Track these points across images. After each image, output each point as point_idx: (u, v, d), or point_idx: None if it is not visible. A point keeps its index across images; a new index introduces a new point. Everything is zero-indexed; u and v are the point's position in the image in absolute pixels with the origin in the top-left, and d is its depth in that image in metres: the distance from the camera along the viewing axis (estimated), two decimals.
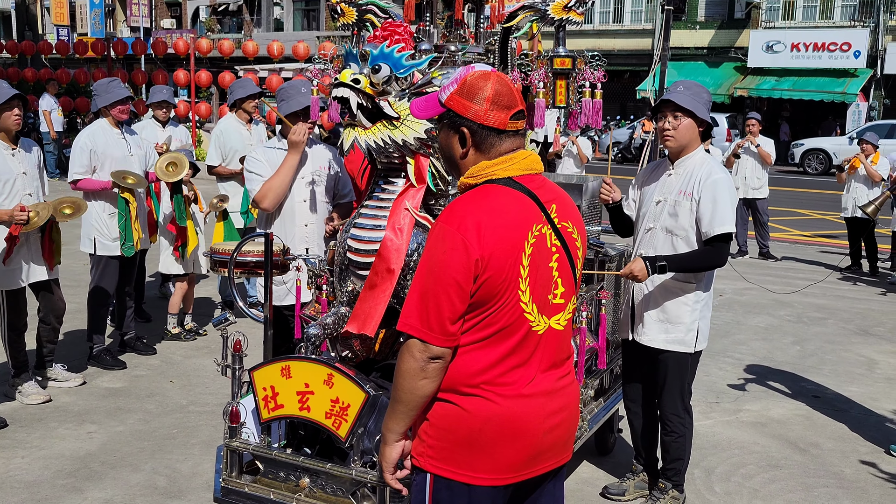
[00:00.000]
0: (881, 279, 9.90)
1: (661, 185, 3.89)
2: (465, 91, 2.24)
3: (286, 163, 4.29)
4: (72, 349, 6.23)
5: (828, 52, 26.52)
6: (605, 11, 31.23)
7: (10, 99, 4.91)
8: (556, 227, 2.28)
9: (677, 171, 3.84)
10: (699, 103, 3.76)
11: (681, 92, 3.79)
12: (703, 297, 3.85)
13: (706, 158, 3.83)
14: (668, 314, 3.84)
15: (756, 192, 10.74)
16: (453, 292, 2.11)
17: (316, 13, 37.86)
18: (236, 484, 3.24)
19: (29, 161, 5.13)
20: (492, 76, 2.25)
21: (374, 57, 3.06)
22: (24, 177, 5.05)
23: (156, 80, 17.42)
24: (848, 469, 4.70)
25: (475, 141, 2.25)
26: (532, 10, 3.75)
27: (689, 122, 3.76)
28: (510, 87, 2.25)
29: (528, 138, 4.15)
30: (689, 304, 3.82)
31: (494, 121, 2.22)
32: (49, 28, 39.78)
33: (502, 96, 2.22)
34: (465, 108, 2.23)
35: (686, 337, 3.84)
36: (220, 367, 3.39)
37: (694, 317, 3.83)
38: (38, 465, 4.43)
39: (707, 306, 3.90)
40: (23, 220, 4.80)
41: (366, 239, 3.24)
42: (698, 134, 3.82)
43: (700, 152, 3.85)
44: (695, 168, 3.79)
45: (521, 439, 2.22)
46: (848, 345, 7.19)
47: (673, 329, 3.84)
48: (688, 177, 3.78)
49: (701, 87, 3.87)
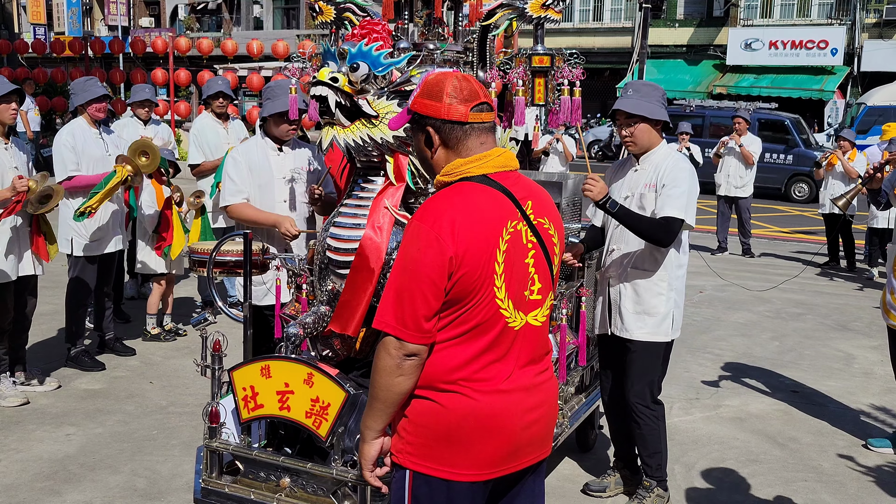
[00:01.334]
0: (858, 275, 9.99)
1: (628, 181, 3.94)
2: (425, 92, 2.28)
3: (269, 218, 4.35)
4: (50, 351, 6.18)
5: (805, 50, 26.74)
6: (585, 10, 31.33)
7: (9, 93, 4.97)
8: (532, 224, 2.29)
9: (643, 167, 3.89)
10: (651, 103, 3.81)
11: (630, 97, 3.85)
12: (675, 285, 3.91)
13: (670, 151, 3.89)
14: (644, 305, 3.89)
15: (738, 190, 10.81)
16: (428, 290, 2.12)
17: (296, 12, 37.72)
18: (216, 485, 3.23)
19: (20, 158, 5.16)
20: (450, 74, 2.29)
21: (352, 55, 3.06)
22: (16, 171, 5.06)
23: (134, 79, 17.25)
24: (826, 463, 4.75)
25: (441, 138, 2.27)
26: (510, 8, 3.76)
27: (644, 125, 3.82)
28: (471, 82, 2.28)
29: (507, 136, 4.15)
30: (663, 293, 3.88)
31: (455, 114, 2.24)
32: (25, 27, 39.42)
33: (460, 90, 2.25)
34: (426, 108, 2.27)
35: (661, 326, 3.90)
36: (200, 367, 3.38)
37: (669, 306, 3.89)
38: (15, 468, 4.39)
39: (679, 294, 3.96)
40: (24, 187, 4.84)
41: (345, 238, 3.23)
42: (657, 131, 3.87)
43: (663, 146, 3.90)
44: (659, 161, 3.84)
45: (500, 435, 2.23)
46: (826, 340, 7.26)
47: (649, 319, 3.89)
48: (653, 170, 3.83)
49: (650, 86, 3.93)
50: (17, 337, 5.37)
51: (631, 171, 3.95)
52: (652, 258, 3.87)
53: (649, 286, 3.88)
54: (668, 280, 3.89)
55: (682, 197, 3.72)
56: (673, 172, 3.77)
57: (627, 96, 3.85)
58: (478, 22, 3.89)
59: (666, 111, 3.88)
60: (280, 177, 4.45)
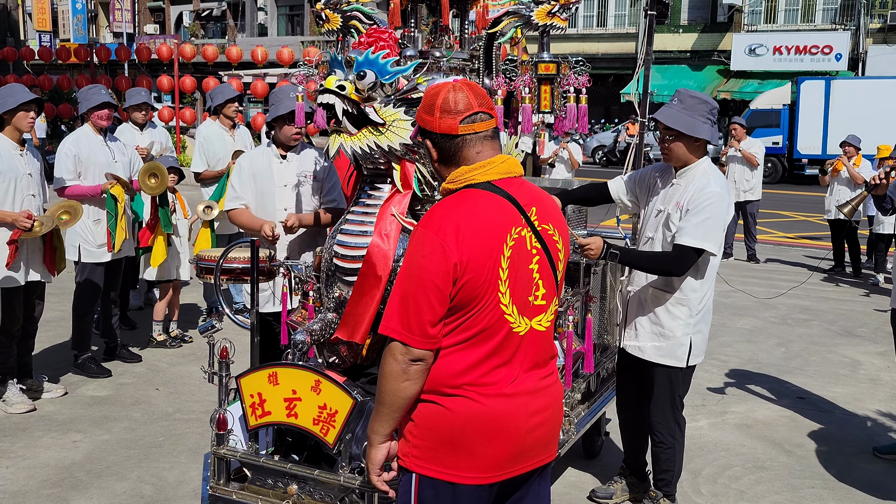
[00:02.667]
0: (864, 281, 9.98)
1: (664, 195, 3.80)
2: (423, 105, 2.35)
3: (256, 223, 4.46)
4: (56, 357, 6.19)
5: (809, 55, 26.77)
6: (589, 15, 31.40)
7: (29, 102, 5.03)
8: (537, 230, 2.31)
9: (679, 182, 3.75)
10: (693, 118, 3.63)
11: (673, 108, 3.68)
12: (698, 312, 3.76)
13: (707, 171, 3.71)
14: (661, 326, 3.78)
15: (747, 194, 10.80)
16: (433, 296, 2.15)
17: (300, 18, 37.83)
18: (224, 491, 3.23)
19: (34, 165, 5.20)
20: (445, 86, 2.33)
21: (359, 63, 3.07)
22: (30, 178, 5.11)
23: (139, 85, 17.34)
24: (833, 469, 4.74)
25: (437, 150, 2.34)
26: (516, 16, 3.77)
27: (681, 140, 3.67)
28: (467, 92, 2.30)
29: (512, 143, 4.15)
30: (681, 317, 3.74)
31: (444, 127, 2.29)
32: (31, 34, 39.59)
33: (453, 102, 2.28)
34: (423, 121, 2.35)
35: (678, 351, 3.77)
36: (207, 374, 3.38)
37: (686, 331, 3.75)
38: (22, 474, 4.40)
39: (703, 320, 3.81)
40: (26, 227, 4.87)
41: (352, 245, 3.24)
42: (697, 147, 3.69)
43: (702, 164, 3.72)
44: (693, 180, 3.69)
45: (504, 437, 2.25)
46: (832, 346, 7.24)
47: (664, 341, 3.78)
48: (686, 189, 3.69)
49: (698, 99, 3.70)
50: (24, 343, 5.38)
51: (668, 185, 3.79)
52: (670, 280, 3.74)
53: (667, 308, 3.76)
54: (688, 304, 3.73)
55: (700, 225, 3.56)
56: (699, 196, 3.60)
57: (671, 105, 3.69)
58: (484, 30, 3.90)
59: (711, 128, 3.66)
60: (281, 185, 4.52)
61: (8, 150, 5.03)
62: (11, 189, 4.98)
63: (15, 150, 5.07)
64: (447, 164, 2.34)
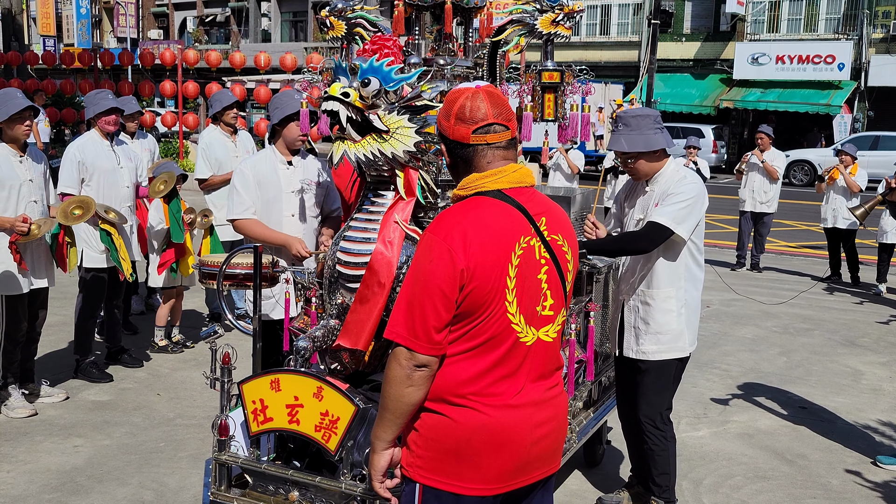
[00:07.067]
0: (866, 290, 9.97)
1: (640, 204, 3.94)
2: (443, 109, 2.36)
3: (278, 238, 4.34)
4: (58, 362, 6.19)
5: (812, 65, 26.78)
6: (592, 24, 31.45)
7: (24, 110, 4.99)
8: (546, 240, 2.30)
9: (651, 188, 3.90)
10: (645, 135, 3.78)
11: (622, 134, 3.82)
12: (687, 302, 3.89)
13: (676, 170, 3.87)
14: (656, 324, 3.88)
15: (763, 206, 10.67)
16: (438, 301, 2.14)
17: (303, 24, 37.92)
18: (225, 497, 3.22)
19: (36, 170, 5.18)
20: (464, 92, 2.33)
21: (363, 70, 3.08)
22: (31, 184, 5.09)
23: (142, 90, 17.40)
24: (835, 480, 4.73)
25: (451, 155, 2.36)
26: (520, 25, 3.78)
27: (643, 159, 3.83)
28: (486, 101, 2.29)
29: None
30: (673, 309, 3.87)
31: (457, 135, 2.30)
32: (35, 38, 39.69)
33: (469, 111, 2.28)
34: (440, 126, 2.36)
35: (678, 342, 3.90)
36: (209, 379, 3.38)
37: (681, 322, 3.88)
38: (23, 479, 4.39)
39: (693, 311, 3.94)
40: (23, 231, 4.84)
41: (355, 252, 3.24)
42: (658, 156, 3.85)
43: (669, 165, 3.89)
44: (667, 180, 3.84)
45: (509, 449, 2.24)
46: (834, 356, 7.23)
47: (663, 337, 3.88)
48: (662, 190, 3.83)
49: (641, 116, 3.85)
50: (27, 349, 5.39)
51: (642, 194, 3.95)
52: (660, 274, 3.86)
53: (659, 303, 3.87)
54: (678, 297, 3.88)
55: (676, 206, 3.71)
56: (678, 185, 3.77)
57: (620, 132, 3.83)
58: (487, 38, 3.91)
59: (663, 135, 3.84)
60: (289, 190, 4.45)
61: (7, 157, 5.01)
62: (13, 197, 4.98)
63: (14, 157, 5.05)
64: (459, 171, 2.35)
